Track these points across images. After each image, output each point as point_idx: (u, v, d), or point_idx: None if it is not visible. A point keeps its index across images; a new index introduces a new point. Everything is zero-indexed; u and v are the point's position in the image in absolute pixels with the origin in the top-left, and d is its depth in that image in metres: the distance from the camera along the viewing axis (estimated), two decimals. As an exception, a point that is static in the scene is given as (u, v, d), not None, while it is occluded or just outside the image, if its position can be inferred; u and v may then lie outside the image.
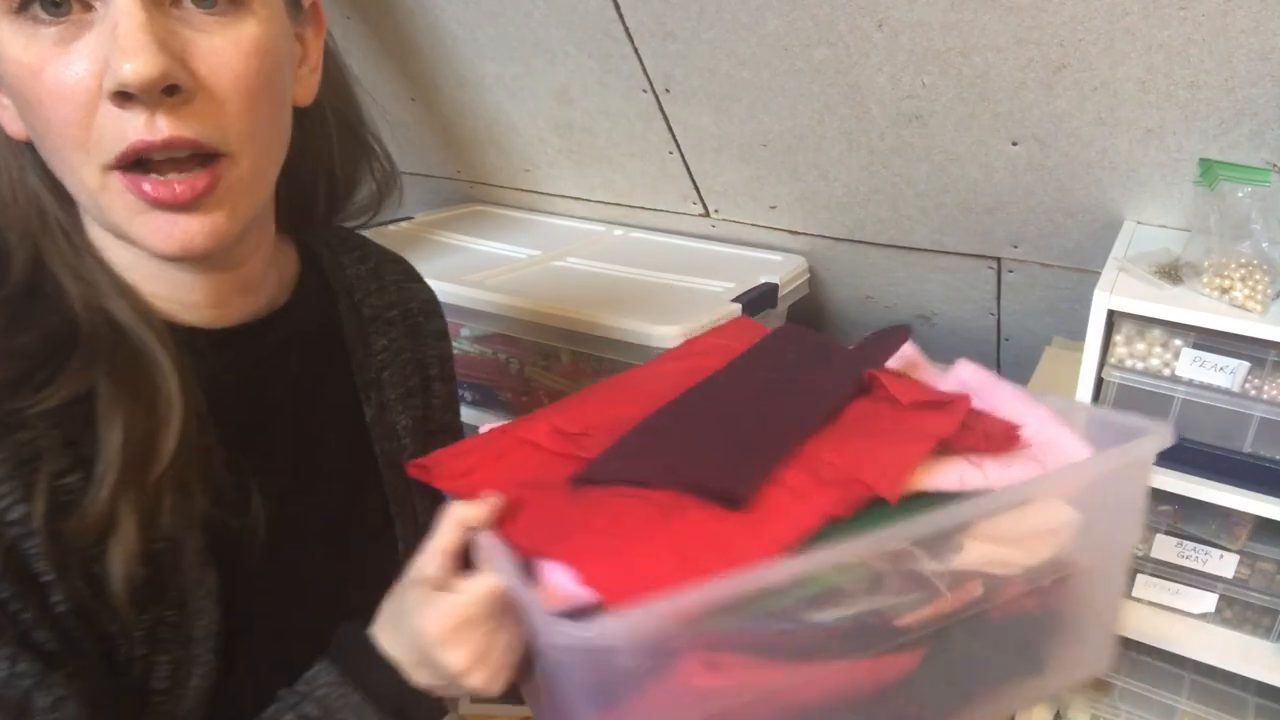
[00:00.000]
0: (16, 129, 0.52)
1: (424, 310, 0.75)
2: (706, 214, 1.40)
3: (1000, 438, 0.57)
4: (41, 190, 0.54)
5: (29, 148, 0.52)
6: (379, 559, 0.66)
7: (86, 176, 0.49)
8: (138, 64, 0.45)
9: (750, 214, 1.36)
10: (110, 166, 0.48)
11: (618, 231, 1.49)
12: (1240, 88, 0.87)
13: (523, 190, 1.56)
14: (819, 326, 1.51)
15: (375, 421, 0.67)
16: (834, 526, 0.49)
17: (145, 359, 0.53)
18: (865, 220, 1.26)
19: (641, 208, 1.46)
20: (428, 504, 0.69)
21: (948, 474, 0.54)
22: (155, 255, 0.52)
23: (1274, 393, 0.82)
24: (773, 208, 1.32)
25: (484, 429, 0.65)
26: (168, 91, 0.47)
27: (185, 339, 0.55)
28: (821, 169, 1.20)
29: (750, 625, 0.46)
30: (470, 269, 1.25)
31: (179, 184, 0.49)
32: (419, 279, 0.77)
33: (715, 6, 1.03)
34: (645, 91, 1.20)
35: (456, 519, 0.51)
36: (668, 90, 1.19)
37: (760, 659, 0.47)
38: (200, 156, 0.50)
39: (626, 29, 1.12)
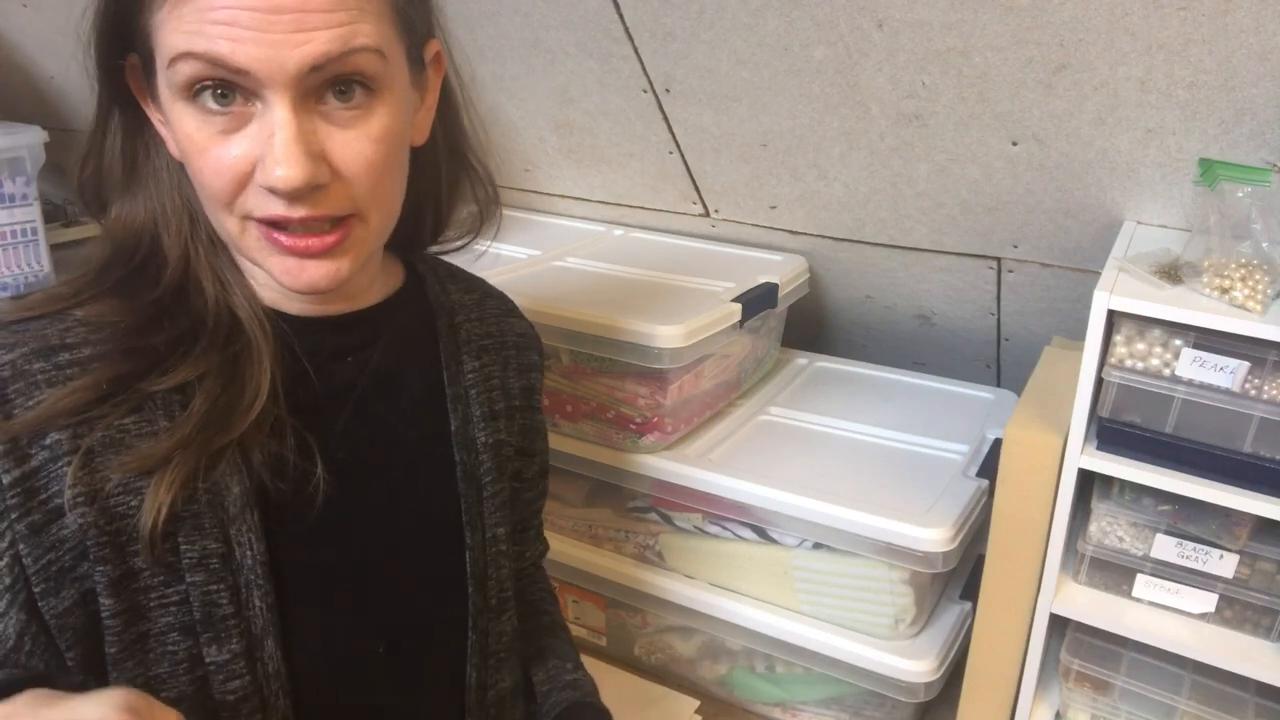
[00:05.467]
0: (178, 154, 0.60)
1: (518, 344, 0.80)
2: (706, 214, 1.40)
3: None
4: (194, 203, 0.62)
5: (183, 167, 0.60)
6: (445, 560, 0.71)
7: (228, 223, 0.58)
8: (288, 173, 0.53)
9: (750, 214, 1.36)
10: (249, 219, 0.57)
11: (618, 231, 1.49)
12: (1240, 88, 0.87)
13: (523, 190, 1.56)
14: (819, 326, 1.51)
15: (459, 433, 0.72)
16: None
17: (253, 353, 0.61)
18: (865, 220, 1.26)
19: (641, 208, 1.46)
20: (500, 518, 0.74)
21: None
22: (281, 287, 0.60)
23: (1274, 393, 0.81)
24: (773, 208, 1.32)
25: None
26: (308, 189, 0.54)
27: (277, 323, 0.63)
28: (821, 169, 1.20)
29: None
30: (470, 269, 1.25)
31: (312, 239, 0.56)
32: (520, 314, 0.83)
33: (715, 6, 1.03)
34: (645, 91, 1.20)
35: None
36: (668, 90, 1.19)
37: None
38: (332, 218, 0.57)
39: (626, 29, 1.12)
